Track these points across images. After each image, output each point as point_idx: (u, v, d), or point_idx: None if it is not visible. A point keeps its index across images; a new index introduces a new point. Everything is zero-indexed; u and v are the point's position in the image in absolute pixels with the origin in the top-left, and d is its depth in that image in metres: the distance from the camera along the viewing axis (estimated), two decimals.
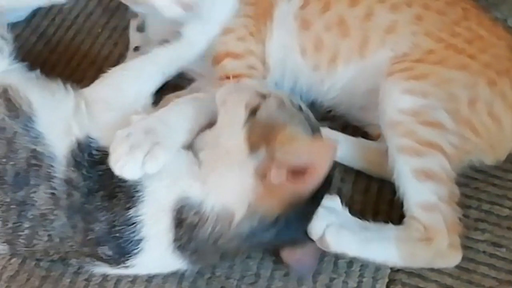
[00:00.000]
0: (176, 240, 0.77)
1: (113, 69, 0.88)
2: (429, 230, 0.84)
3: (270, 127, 0.77)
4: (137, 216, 0.77)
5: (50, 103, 0.84)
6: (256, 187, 0.74)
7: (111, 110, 0.82)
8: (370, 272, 0.83)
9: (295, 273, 0.83)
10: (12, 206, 0.79)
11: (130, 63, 0.90)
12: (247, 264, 0.84)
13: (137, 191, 0.77)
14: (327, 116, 0.97)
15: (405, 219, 0.85)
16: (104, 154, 0.77)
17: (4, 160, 0.79)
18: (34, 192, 0.79)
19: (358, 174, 0.94)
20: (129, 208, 0.77)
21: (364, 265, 0.84)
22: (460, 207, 0.88)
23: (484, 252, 0.87)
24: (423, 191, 0.85)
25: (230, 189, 0.76)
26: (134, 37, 1.05)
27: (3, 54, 0.89)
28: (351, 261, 0.84)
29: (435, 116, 0.87)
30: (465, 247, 0.86)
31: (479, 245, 0.87)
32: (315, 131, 0.80)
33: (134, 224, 0.77)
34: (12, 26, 1.01)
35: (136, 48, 1.02)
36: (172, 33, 0.89)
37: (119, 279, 0.83)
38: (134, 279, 0.83)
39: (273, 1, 0.98)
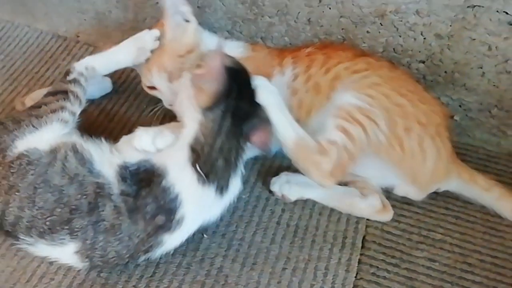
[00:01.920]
0: (199, 173, 0.97)
1: None
2: (322, 149, 1.02)
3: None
4: (168, 183, 0.96)
5: (99, 152, 1.03)
6: (194, 95, 0.99)
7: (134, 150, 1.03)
8: (340, 280, 1.03)
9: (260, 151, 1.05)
10: (88, 227, 0.95)
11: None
12: (251, 275, 1.04)
13: (162, 170, 0.97)
14: None
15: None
16: (138, 167, 0.99)
17: (79, 196, 0.96)
18: (102, 211, 0.96)
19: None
20: (161, 182, 0.97)
21: (335, 274, 1.04)
22: (405, 233, 1.10)
23: (423, 265, 1.06)
24: (336, 135, 1.03)
25: (192, 107, 0.99)
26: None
27: (67, 124, 1.07)
28: (326, 272, 1.04)
29: (374, 117, 1.03)
30: (409, 262, 1.06)
31: (419, 260, 1.07)
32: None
33: (168, 188, 0.96)
34: None
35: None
36: None
37: (160, 281, 1.01)
38: (169, 284, 1.02)
39: (271, 74, 1.16)
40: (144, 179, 0.98)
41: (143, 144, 0.99)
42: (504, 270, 1.07)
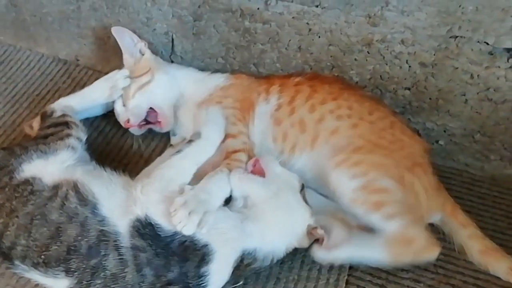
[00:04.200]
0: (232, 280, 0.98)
1: (162, 165, 1.05)
2: (409, 237, 1.02)
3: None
4: (207, 271, 0.94)
5: (106, 195, 1.00)
6: (304, 239, 1.03)
7: (164, 202, 0.96)
8: None
9: None
10: (86, 270, 0.93)
11: (172, 161, 1.07)
12: None
13: (209, 255, 0.94)
14: None
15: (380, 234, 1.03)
16: (172, 234, 0.93)
17: (79, 237, 0.94)
18: (105, 259, 0.93)
19: None
20: (200, 267, 0.93)
21: None
22: None
23: (408, 286, 1.09)
24: (394, 223, 1.02)
25: (287, 239, 1.01)
26: (172, 139, 1.31)
27: (76, 152, 1.09)
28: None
29: (379, 184, 1.05)
30: (394, 283, 1.09)
31: (404, 281, 1.10)
32: None
33: (203, 277, 0.94)
34: None
35: (171, 145, 1.30)
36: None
37: None
38: None
39: (254, 101, 1.20)
40: (178, 251, 0.94)
41: (186, 230, 0.93)
42: None
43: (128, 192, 1.01)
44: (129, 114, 1.26)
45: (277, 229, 1.02)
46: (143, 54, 1.31)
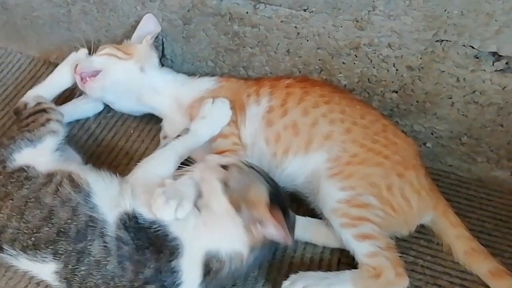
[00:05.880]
0: (204, 282, 0.98)
1: (145, 159, 1.10)
2: (377, 269, 1.02)
3: (241, 189, 0.98)
4: (178, 266, 0.96)
5: (102, 186, 1.04)
6: (248, 234, 0.97)
7: (147, 193, 1.00)
8: None
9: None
10: (72, 254, 0.97)
11: (156, 154, 1.12)
12: None
13: (177, 249, 0.96)
14: None
15: (358, 267, 1.04)
16: (150, 223, 0.97)
17: (69, 221, 0.98)
18: (91, 245, 0.96)
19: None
20: (171, 261, 0.96)
21: None
22: None
23: None
24: (365, 246, 1.04)
25: (235, 240, 0.98)
26: (162, 142, 1.31)
27: (58, 136, 1.14)
28: None
29: (362, 200, 1.07)
30: None
31: None
32: (267, 179, 1.02)
33: (176, 272, 0.96)
34: (71, 128, 1.33)
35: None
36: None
37: None
38: None
39: (245, 103, 1.21)
40: (155, 243, 0.97)
41: (165, 215, 0.96)
42: None
43: (120, 189, 1.05)
44: (84, 62, 1.30)
45: (219, 232, 1.00)
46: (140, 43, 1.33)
